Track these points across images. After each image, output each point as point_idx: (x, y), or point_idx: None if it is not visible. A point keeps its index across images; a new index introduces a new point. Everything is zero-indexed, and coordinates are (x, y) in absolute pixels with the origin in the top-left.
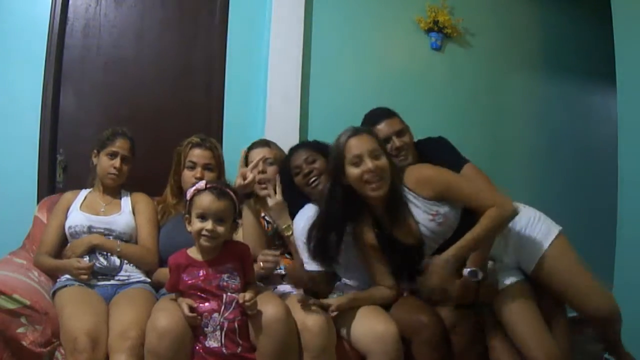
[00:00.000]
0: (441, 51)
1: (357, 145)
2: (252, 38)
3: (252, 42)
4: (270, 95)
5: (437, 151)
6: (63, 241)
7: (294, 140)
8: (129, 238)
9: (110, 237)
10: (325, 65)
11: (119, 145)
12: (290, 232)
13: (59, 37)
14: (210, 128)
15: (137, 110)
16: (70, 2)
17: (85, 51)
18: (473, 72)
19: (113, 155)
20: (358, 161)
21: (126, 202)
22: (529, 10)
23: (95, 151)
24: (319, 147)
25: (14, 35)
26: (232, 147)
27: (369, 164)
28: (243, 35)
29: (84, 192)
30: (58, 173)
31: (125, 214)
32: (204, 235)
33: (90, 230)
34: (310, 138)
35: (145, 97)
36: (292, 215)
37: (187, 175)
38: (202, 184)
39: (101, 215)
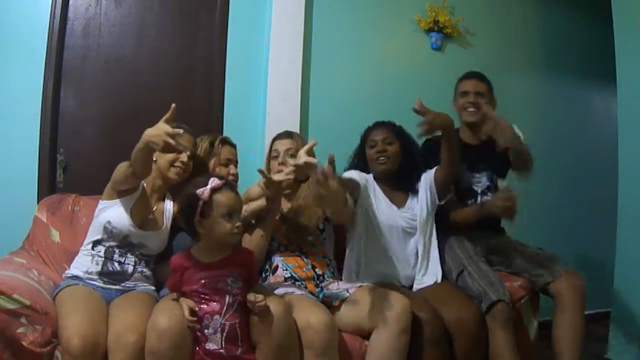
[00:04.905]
0: (441, 51)
1: None
2: (252, 38)
3: (252, 42)
4: (270, 95)
5: None
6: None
7: None
8: (156, 254)
9: (140, 250)
10: (325, 65)
11: (187, 139)
12: None
13: (59, 37)
14: (210, 128)
15: (137, 109)
16: (70, 2)
17: (86, 51)
18: None
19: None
20: None
21: (169, 210)
22: (529, 10)
23: None
24: (399, 133)
25: (14, 35)
26: None
27: None
28: (243, 35)
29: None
30: (58, 173)
31: (163, 232)
32: (234, 234)
33: (125, 239)
34: (310, 138)
35: (145, 97)
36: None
37: (224, 172)
38: (218, 182)
39: (145, 227)
